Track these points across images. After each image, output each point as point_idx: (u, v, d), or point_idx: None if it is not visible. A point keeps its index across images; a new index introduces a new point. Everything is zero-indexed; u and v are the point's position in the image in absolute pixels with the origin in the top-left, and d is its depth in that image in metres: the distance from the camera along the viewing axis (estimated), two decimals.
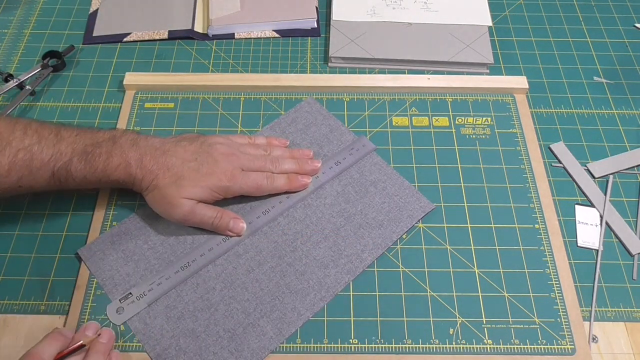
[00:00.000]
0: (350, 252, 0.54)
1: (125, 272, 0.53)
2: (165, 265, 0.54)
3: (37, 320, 0.51)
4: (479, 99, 0.67)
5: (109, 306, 0.51)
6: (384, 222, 0.56)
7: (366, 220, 0.56)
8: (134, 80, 0.67)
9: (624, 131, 0.65)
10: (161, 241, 0.55)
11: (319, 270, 0.53)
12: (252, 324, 0.50)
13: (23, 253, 0.55)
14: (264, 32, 0.74)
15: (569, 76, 0.70)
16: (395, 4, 0.74)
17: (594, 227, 0.57)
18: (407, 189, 0.58)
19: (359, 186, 0.59)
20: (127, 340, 0.50)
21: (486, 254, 0.55)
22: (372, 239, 0.55)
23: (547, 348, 0.50)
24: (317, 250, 0.54)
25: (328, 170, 0.59)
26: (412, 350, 0.50)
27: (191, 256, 0.54)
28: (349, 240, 0.55)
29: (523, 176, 0.60)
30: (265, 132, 0.63)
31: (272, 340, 0.50)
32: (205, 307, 0.51)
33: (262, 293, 0.52)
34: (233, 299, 0.52)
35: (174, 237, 0.55)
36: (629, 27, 0.75)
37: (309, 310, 0.51)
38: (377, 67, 0.70)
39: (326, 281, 0.53)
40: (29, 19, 0.76)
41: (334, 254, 0.54)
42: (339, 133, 0.63)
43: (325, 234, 0.55)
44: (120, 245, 0.55)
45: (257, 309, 0.51)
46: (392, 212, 0.57)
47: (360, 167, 0.60)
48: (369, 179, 0.59)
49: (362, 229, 0.56)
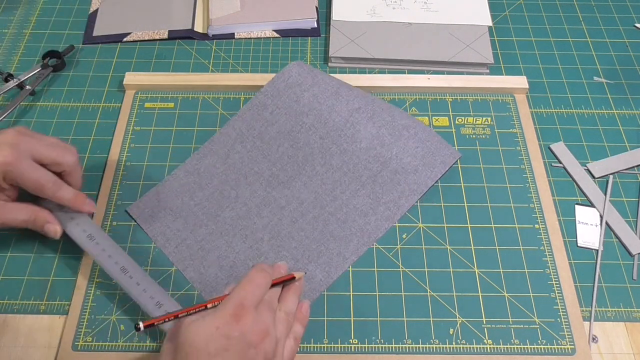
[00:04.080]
0: (387, 199, 0.56)
1: (175, 227, 0.55)
2: (214, 218, 0.56)
3: (37, 320, 0.51)
4: (479, 99, 0.67)
5: None
6: (418, 167, 0.57)
7: (401, 165, 0.57)
8: (134, 80, 0.67)
9: (624, 131, 0.64)
10: (206, 197, 0.57)
11: (360, 218, 0.56)
12: (301, 269, 0.53)
13: (23, 253, 0.55)
14: (264, 32, 0.74)
15: (569, 76, 0.70)
16: (395, 4, 0.74)
17: (594, 227, 0.57)
18: (435, 136, 0.59)
19: (393, 129, 0.59)
20: (126, 340, 0.50)
21: (486, 254, 0.55)
22: (408, 185, 0.57)
23: (547, 348, 0.50)
24: (357, 198, 0.56)
25: None
26: (412, 350, 0.50)
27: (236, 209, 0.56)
28: (386, 186, 0.57)
29: (523, 176, 0.60)
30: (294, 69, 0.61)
31: (322, 283, 0.52)
32: (255, 255, 0.54)
33: (308, 241, 0.54)
34: (281, 247, 0.54)
35: (218, 191, 0.57)
36: (629, 27, 0.75)
37: (353, 254, 0.54)
38: (377, 67, 0.70)
39: (367, 228, 0.55)
40: (29, 19, 0.76)
41: (372, 202, 0.56)
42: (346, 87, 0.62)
43: (362, 182, 0.57)
44: (167, 202, 0.57)
45: (305, 255, 0.54)
46: (426, 157, 0.58)
47: (391, 111, 0.60)
48: (400, 123, 0.59)
49: (398, 174, 0.57)
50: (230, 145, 0.60)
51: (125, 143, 0.62)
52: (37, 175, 0.49)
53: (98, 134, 0.64)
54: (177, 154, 0.62)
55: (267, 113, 0.61)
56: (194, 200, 0.57)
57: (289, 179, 0.58)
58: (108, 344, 0.50)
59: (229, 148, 0.60)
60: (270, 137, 0.60)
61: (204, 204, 0.57)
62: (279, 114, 0.60)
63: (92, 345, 0.50)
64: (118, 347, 0.50)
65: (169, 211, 0.56)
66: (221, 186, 0.58)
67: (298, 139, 0.59)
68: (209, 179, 0.58)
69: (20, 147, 0.49)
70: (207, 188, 0.58)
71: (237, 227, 0.55)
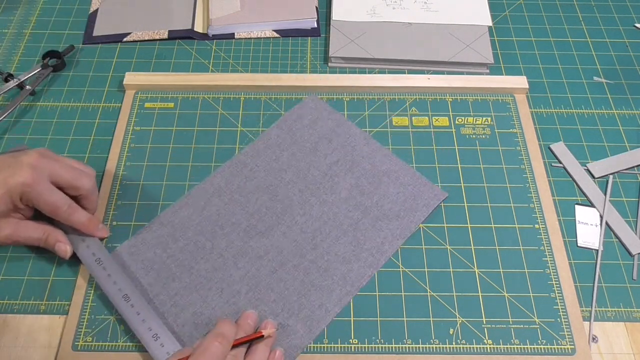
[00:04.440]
0: (370, 245, 0.55)
1: (147, 282, 0.53)
2: (188, 271, 0.53)
3: (37, 320, 0.51)
4: (479, 99, 0.67)
5: None
6: (400, 212, 0.57)
7: (383, 212, 0.57)
8: (134, 80, 0.67)
9: (624, 131, 0.65)
10: (180, 248, 0.55)
11: (342, 265, 0.54)
12: (281, 325, 0.50)
13: (23, 253, 0.55)
14: (264, 32, 0.74)
15: (569, 76, 0.70)
16: (395, 4, 0.74)
17: (594, 227, 0.57)
18: (418, 179, 0.59)
19: (372, 177, 0.59)
20: (126, 340, 0.50)
21: (486, 254, 0.55)
22: (390, 230, 0.56)
23: (547, 348, 0.50)
24: (338, 246, 0.55)
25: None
26: (412, 350, 0.50)
27: (211, 260, 0.54)
28: (368, 233, 0.55)
29: (523, 176, 0.60)
30: (273, 131, 0.63)
31: (303, 339, 0.50)
32: (232, 311, 0.51)
33: (288, 292, 0.52)
34: (260, 300, 0.52)
35: (193, 243, 0.55)
36: (629, 27, 0.75)
37: (336, 305, 0.52)
38: (377, 67, 0.70)
39: (350, 276, 0.53)
40: (29, 19, 0.76)
41: (354, 249, 0.55)
42: (345, 127, 0.63)
43: (344, 229, 0.56)
44: (139, 256, 0.54)
45: (285, 309, 0.51)
46: (408, 202, 0.57)
47: (371, 158, 0.60)
48: (380, 170, 0.59)
49: (379, 221, 0.56)
50: (207, 198, 0.58)
51: (125, 143, 0.62)
52: (53, 198, 0.51)
53: (98, 134, 0.64)
54: (177, 154, 0.62)
55: (246, 170, 0.60)
56: (167, 253, 0.54)
57: (267, 229, 0.56)
58: (108, 344, 0.50)
59: (205, 201, 0.58)
60: (248, 191, 0.58)
61: (177, 256, 0.54)
62: (258, 170, 0.60)
63: (92, 345, 0.50)
64: (118, 347, 0.50)
65: (141, 265, 0.54)
66: (196, 237, 0.55)
67: (277, 192, 0.58)
68: (183, 231, 0.56)
69: (40, 169, 0.50)
70: (181, 240, 0.55)
71: (213, 280, 0.53)
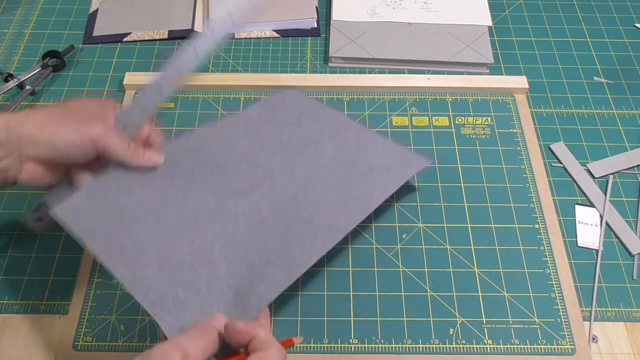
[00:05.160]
0: (359, 193, 0.51)
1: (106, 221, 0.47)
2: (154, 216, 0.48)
3: (37, 320, 0.51)
4: (479, 99, 0.67)
5: None
6: (391, 166, 0.53)
7: (371, 167, 0.53)
8: (134, 80, 0.67)
9: (624, 131, 0.64)
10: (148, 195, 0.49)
11: (328, 214, 0.49)
12: (258, 274, 0.45)
13: (23, 253, 0.55)
14: (264, 32, 0.74)
15: (569, 76, 0.70)
16: (395, 4, 0.74)
17: (594, 227, 0.57)
18: (405, 148, 0.58)
19: (358, 141, 0.56)
20: (127, 340, 0.50)
21: (486, 254, 0.55)
22: (381, 180, 0.52)
23: (547, 348, 0.50)
24: (323, 198, 0.50)
25: None
26: (412, 350, 0.50)
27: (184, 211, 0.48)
28: (357, 185, 0.51)
29: (523, 176, 0.60)
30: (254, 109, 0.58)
31: (281, 283, 0.45)
32: (204, 262, 0.46)
33: (267, 246, 0.47)
34: (236, 256, 0.46)
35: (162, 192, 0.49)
36: (629, 27, 0.75)
37: (320, 250, 0.47)
38: (377, 67, 0.70)
39: (337, 222, 0.49)
40: (29, 19, 0.76)
41: (342, 198, 0.50)
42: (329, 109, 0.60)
43: (329, 184, 0.51)
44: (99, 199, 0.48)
45: (263, 260, 0.46)
46: (397, 160, 0.55)
47: (357, 128, 0.58)
48: (366, 137, 0.57)
49: (367, 174, 0.52)
50: (181, 156, 0.52)
51: None
52: None
53: None
54: None
55: (226, 136, 0.55)
56: (132, 197, 0.48)
57: (245, 192, 0.50)
58: (108, 344, 0.50)
59: (178, 159, 0.51)
60: (226, 156, 0.53)
61: (144, 202, 0.48)
62: (238, 138, 0.55)
63: (92, 345, 0.50)
64: (118, 347, 0.50)
65: (101, 207, 0.47)
66: (166, 189, 0.49)
67: (257, 159, 0.53)
68: (151, 180, 0.49)
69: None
70: (148, 188, 0.49)
71: (183, 229, 0.47)
